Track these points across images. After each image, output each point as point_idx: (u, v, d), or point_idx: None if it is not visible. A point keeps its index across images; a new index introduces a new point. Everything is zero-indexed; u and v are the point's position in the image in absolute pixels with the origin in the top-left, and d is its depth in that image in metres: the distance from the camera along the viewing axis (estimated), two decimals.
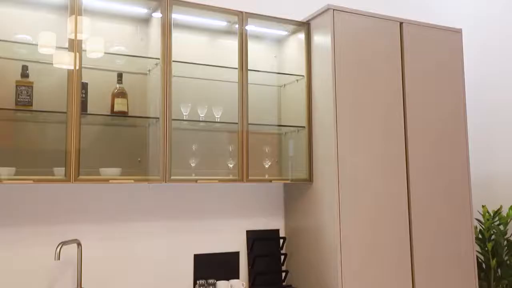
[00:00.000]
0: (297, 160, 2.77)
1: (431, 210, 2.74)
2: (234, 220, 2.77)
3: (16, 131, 2.24)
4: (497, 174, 3.45)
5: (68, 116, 2.12)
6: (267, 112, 2.90)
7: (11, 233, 2.24)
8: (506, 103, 3.41)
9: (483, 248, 3.15)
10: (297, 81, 2.79)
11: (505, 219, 3.14)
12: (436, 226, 2.75)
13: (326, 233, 2.51)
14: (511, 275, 3.06)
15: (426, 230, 2.71)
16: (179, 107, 2.49)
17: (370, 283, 2.49)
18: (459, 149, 2.90)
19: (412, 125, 2.74)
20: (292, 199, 2.83)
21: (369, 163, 2.58)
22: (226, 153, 2.70)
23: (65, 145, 2.11)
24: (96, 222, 2.42)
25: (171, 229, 2.59)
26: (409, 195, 2.69)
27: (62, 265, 2.32)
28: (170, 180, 2.30)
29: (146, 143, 2.50)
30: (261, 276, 2.71)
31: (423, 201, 2.72)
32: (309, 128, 2.69)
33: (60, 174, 2.13)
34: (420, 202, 2.71)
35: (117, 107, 2.34)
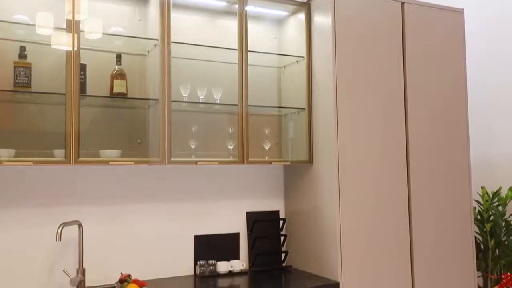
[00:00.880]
0: (297, 141, 2.77)
1: (430, 192, 2.75)
2: (234, 201, 2.78)
3: (15, 112, 2.24)
4: (496, 155, 3.46)
5: (67, 98, 2.11)
6: (267, 93, 2.88)
7: (12, 215, 2.25)
8: (506, 85, 3.40)
9: (482, 229, 3.17)
10: (297, 62, 2.78)
11: (504, 200, 3.16)
12: (436, 208, 2.76)
13: (326, 215, 2.52)
14: (508, 255, 3.09)
15: (426, 212, 2.72)
16: (178, 88, 2.48)
17: (369, 264, 2.51)
18: (459, 130, 2.90)
19: (412, 107, 2.74)
20: (292, 180, 2.84)
21: (369, 144, 2.58)
22: (226, 135, 2.70)
23: (64, 126, 2.11)
24: (96, 203, 2.43)
25: (171, 210, 2.61)
26: (408, 177, 2.70)
27: (63, 246, 2.34)
28: (170, 162, 2.30)
29: (146, 124, 2.50)
30: (261, 256, 2.73)
31: (423, 183, 2.73)
32: (309, 110, 2.68)
33: (60, 156, 2.13)
34: (419, 184, 2.72)
35: (116, 88, 2.33)
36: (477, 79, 3.59)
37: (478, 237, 3.27)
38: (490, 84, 3.51)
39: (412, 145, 2.72)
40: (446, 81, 2.88)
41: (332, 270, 2.46)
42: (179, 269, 2.59)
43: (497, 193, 3.17)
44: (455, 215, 2.83)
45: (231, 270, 2.61)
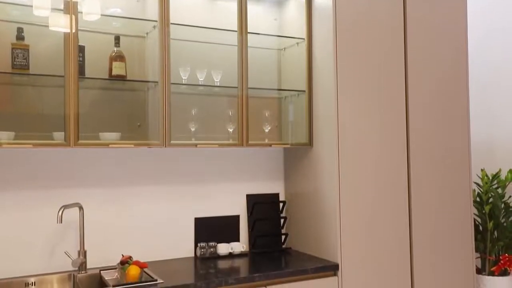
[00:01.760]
0: (297, 124, 2.76)
1: (430, 174, 2.76)
2: (234, 184, 2.79)
3: (14, 95, 2.22)
4: (497, 138, 3.45)
5: (65, 80, 2.09)
6: (267, 76, 2.87)
7: (12, 198, 2.26)
8: (508, 65, 3.38)
9: (481, 211, 3.19)
10: (297, 44, 2.75)
11: (503, 182, 3.17)
12: (435, 190, 2.77)
13: (326, 197, 2.53)
14: (507, 236, 3.11)
15: (425, 194, 2.73)
16: (178, 71, 2.46)
17: (368, 246, 2.53)
18: (459, 112, 2.89)
19: (413, 87, 2.72)
20: (292, 163, 2.84)
21: (370, 126, 2.58)
22: (225, 117, 2.69)
23: (63, 109, 2.10)
24: (97, 186, 2.43)
25: (171, 193, 2.61)
26: (408, 159, 2.70)
27: (64, 228, 2.35)
28: (170, 144, 2.30)
29: (146, 107, 2.49)
30: (261, 238, 2.75)
31: (423, 165, 2.74)
32: (309, 92, 2.67)
33: (60, 139, 2.12)
34: (419, 166, 2.72)
35: (115, 70, 2.31)
36: (478, 58, 3.57)
37: (477, 219, 3.29)
38: (491, 64, 3.48)
39: (412, 127, 2.71)
40: (447, 60, 2.86)
41: (332, 252, 2.47)
42: (179, 251, 2.61)
43: (496, 175, 3.18)
44: (455, 198, 2.84)
45: (231, 252, 2.63)
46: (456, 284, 2.79)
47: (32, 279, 2.19)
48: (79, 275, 2.25)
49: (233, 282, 2.14)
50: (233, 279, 2.15)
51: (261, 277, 2.21)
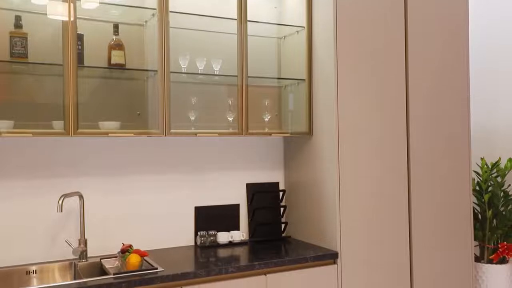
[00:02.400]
0: (296, 113, 2.75)
1: (430, 163, 2.76)
2: (234, 173, 2.79)
3: (13, 83, 2.21)
4: (497, 126, 3.45)
5: (64, 69, 2.08)
6: (267, 64, 2.85)
7: (12, 186, 2.26)
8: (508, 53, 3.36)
9: (480, 200, 3.20)
10: (297, 32, 2.73)
11: (503, 171, 3.17)
12: (435, 179, 2.77)
13: (326, 186, 2.53)
14: (505, 225, 3.12)
15: (425, 183, 2.74)
16: (177, 59, 2.45)
17: (368, 234, 2.54)
18: (460, 101, 2.88)
19: (413, 75, 2.71)
20: (292, 152, 2.85)
21: (369, 115, 2.57)
22: (225, 106, 2.69)
23: (62, 98, 2.09)
24: (97, 175, 2.44)
25: (171, 182, 2.62)
26: (408, 148, 2.70)
27: (65, 217, 2.36)
28: (170, 133, 2.30)
29: (145, 96, 2.48)
30: (261, 227, 2.76)
31: (423, 154, 2.74)
32: (309, 81, 2.66)
33: (59, 128, 2.12)
34: (419, 155, 2.72)
35: (114, 59, 2.30)
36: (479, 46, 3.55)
37: (476, 207, 3.30)
38: (492, 52, 3.47)
39: (412, 116, 2.71)
40: (448, 48, 2.84)
41: (331, 240, 2.49)
42: (179, 239, 2.62)
43: (496, 164, 3.19)
44: (454, 186, 2.84)
45: (231, 241, 2.64)
46: (455, 272, 2.81)
47: (33, 267, 2.21)
48: (80, 263, 2.26)
49: (233, 270, 2.16)
50: (233, 267, 2.16)
51: (261, 265, 2.22)
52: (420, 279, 2.69)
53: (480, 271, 3.12)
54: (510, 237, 3.13)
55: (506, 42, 3.39)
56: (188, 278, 2.06)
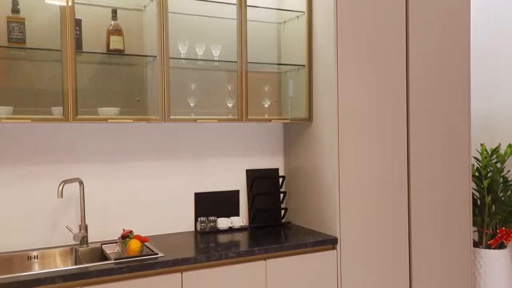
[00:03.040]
0: (296, 99, 2.74)
1: (430, 148, 2.76)
2: (234, 159, 2.79)
3: (11, 69, 2.20)
4: (497, 112, 3.44)
5: (63, 54, 2.07)
6: (267, 50, 2.84)
7: (12, 172, 2.26)
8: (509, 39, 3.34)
9: (479, 186, 3.21)
10: (297, 17, 2.71)
11: (502, 157, 3.17)
12: (435, 164, 2.78)
13: (325, 172, 2.53)
14: (504, 210, 3.14)
15: (424, 169, 2.74)
16: (176, 45, 2.43)
17: (367, 220, 2.55)
18: (460, 87, 2.87)
19: (414, 62, 2.70)
20: (292, 138, 2.84)
21: (370, 101, 2.57)
22: (225, 92, 2.67)
23: (61, 84, 2.08)
24: (97, 161, 2.44)
25: (171, 168, 2.62)
26: (408, 134, 2.70)
27: (65, 203, 2.37)
28: (169, 119, 2.29)
29: (144, 82, 2.47)
30: (261, 213, 2.77)
31: (423, 140, 2.73)
32: (309, 67, 2.64)
33: (58, 114, 2.11)
34: (419, 141, 2.72)
35: (113, 44, 2.28)
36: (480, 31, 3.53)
37: (475, 193, 3.31)
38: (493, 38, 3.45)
39: (412, 102, 2.70)
40: (449, 34, 2.82)
41: (331, 226, 2.50)
42: (180, 225, 2.64)
43: (496, 150, 3.18)
44: (454, 172, 2.85)
45: (231, 226, 2.66)
46: (453, 257, 2.83)
47: (34, 252, 2.22)
48: (81, 249, 2.27)
49: (233, 256, 2.17)
50: (233, 252, 2.17)
51: (260, 250, 2.23)
52: (419, 264, 2.71)
53: (479, 256, 3.14)
54: (509, 222, 3.14)
55: (507, 28, 3.36)
56: (188, 263, 2.07)
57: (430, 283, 2.74)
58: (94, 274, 1.88)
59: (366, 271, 2.54)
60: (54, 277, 1.82)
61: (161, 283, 2.01)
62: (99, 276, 1.89)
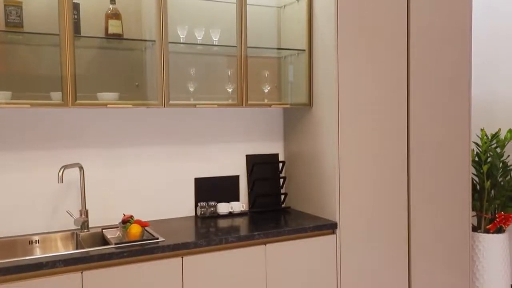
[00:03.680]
0: (296, 84, 2.73)
1: (430, 133, 2.76)
2: (233, 144, 2.79)
3: (9, 54, 2.19)
4: (497, 97, 3.43)
5: (61, 38, 2.05)
6: (266, 35, 2.81)
7: (12, 158, 2.26)
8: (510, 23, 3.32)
9: (479, 171, 3.21)
10: (297, 1, 2.68)
11: (502, 142, 3.17)
12: (434, 149, 2.78)
13: (325, 157, 2.54)
14: (503, 195, 3.15)
15: (424, 153, 2.74)
16: (175, 29, 2.41)
17: (367, 204, 2.56)
18: (461, 72, 2.86)
19: (415, 46, 2.68)
20: (292, 123, 2.84)
21: (370, 86, 2.55)
22: (225, 77, 2.66)
23: (60, 68, 2.07)
24: (97, 146, 2.43)
25: (171, 153, 2.62)
26: (408, 118, 2.69)
27: (66, 188, 2.37)
28: (169, 104, 2.29)
29: (143, 67, 2.45)
30: (261, 198, 2.78)
31: (422, 125, 2.73)
32: (310, 51, 2.63)
33: (57, 99, 2.11)
34: (419, 126, 2.72)
35: (111, 29, 2.26)
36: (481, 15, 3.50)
37: (474, 178, 3.32)
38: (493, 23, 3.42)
39: (413, 87, 2.69)
40: (450, 19, 2.80)
41: (330, 211, 2.51)
42: (180, 210, 2.65)
43: (496, 135, 3.18)
44: (454, 157, 2.85)
45: (231, 211, 2.67)
46: (452, 241, 2.85)
47: (36, 237, 2.23)
48: (82, 234, 2.28)
49: (233, 240, 2.18)
50: (233, 237, 2.18)
51: (260, 235, 2.25)
52: (418, 248, 2.73)
53: (477, 241, 3.16)
54: (508, 207, 3.15)
55: (508, 13, 3.33)
56: (189, 248, 2.08)
57: (429, 267, 2.77)
58: (95, 258, 1.90)
59: (366, 255, 2.56)
60: (55, 261, 1.83)
61: (161, 267, 2.03)
62: (100, 260, 1.91)
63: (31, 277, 1.81)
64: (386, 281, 2.62)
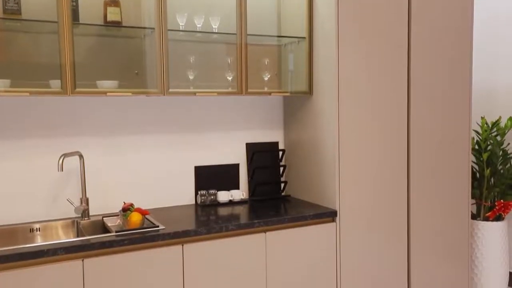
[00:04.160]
0: (297, 72, 2.72)
1: (430, 121, 2.75)
2: (233, 132, 2.79)
3: (7, 41, 2.17)
4: (498, 85, 3.42)
5: (59, 26, 2.04)
6: (266, 22, 2.79)
7: (12, 146, 2.26)
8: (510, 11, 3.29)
9: (478, 159, 3.22)
10: None
11: (502, 130, 3.17)
12: (435, 137, 2.77)
13: (325, 145, 2.53)
14: (503, 183, 3.15)
15: (424, 141, 2.74)
16: (175, 16, 2.40)
17: (366, 192, 2.57)
18: (461, 59, 2.84)
19: (415, 34, 2.66)
20: (292, 112, 2.83)
21: (370, 73, 2.54)
22: (224, 65, 2.65)
23: (59, 56, 2.06)
24: (97, 135, 2.43)
25: (171, 141, 2.62)
26: (409, 107, 2.68)
27: (66, 176, 2.37)
28: (169, 93, 2.28)
29: (143, 55, 2.44)
30: (261, 186, 2.79)
31: (423, 113, 2.72)
32: (310, 39, 2.61)
33: (57, 87, 2.10)
34: (419, 114, 2.71)
35: (110, 16, 2.24)
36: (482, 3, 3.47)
37: (474, 166, 3.32)
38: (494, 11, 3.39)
39: (413, 74, 2.68)
40: (452, 6, 2.77)
41: (330, 199, 2.51)
42: (180, 198, 2.65)
43: (496, 123, 3.18)
44: (454, 145, 2.85)
45: (231, 200, 2.67)
46: (452, 229, 2.86)
47: (36, 225, 2.24)
48: (83, 222, 2.29)
49: (233, 228, 2.19)
50: (233, 225, 2.19)
51: (260, 223, 2.25)
52: (417, 236, 2.74)
53: (476, 228, 3.18)
54: (507, 195, 3.16)
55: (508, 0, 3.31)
56: (189, 235, 2.09)
57: (428, 254, 2.78)
58: (96, 246, 1.91)
59: (365, 243, 2.57)
60: (56, 248, 1.84)
61: (162, 255, 2.04)
62: (101, 248, 1.92)
63: (32, 265, 1.82)
64: (385, 268, 2.64)
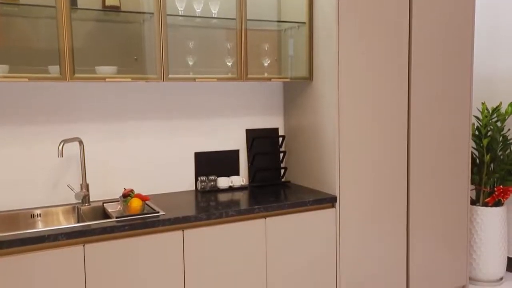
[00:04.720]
0: (297, 58, 2.70)
1: (430, 107, 2.74)
2: (233, 119, 2.78)
3: (5, 27, 2.15)
4: (499, 71, 3.40)
5: (57, 10, 2.02)
6: (266, 7, 2.77)
7: (12, 132, 2.26)
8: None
9: (479, 144, 3.21)
10: None
11: (503, 115, 3.16)
12: (435, 123, 2.77)
13: (325, 131, 2.53)
14: (503, 169, 3.16)
15: (424, 127, 2.73)
16: (174, 1, 2.37)
17: (366, 178, 2.57)
18: (462, 45, 2.82)
19: (416, 20, 2.64)
20: (292, 98, 2.82)
21: (371, 59, 2.53)
22: (224, 50, 2.63)
23: (57, 42, 2.04)
24: (96, 121, 2.43)
25: (171, 128, 2.61)
26: (409, 92, 2.67)
27: (66, 162, 2.38)
28: (168, 78, 2.27)
29: (142, 40, 2.42)
30: (261, 172, 2.79)
31: (423, 99, 2.71)
32: (310, 24, 2.59)
33: (55, 72, 2.09)
34: (419, 100, 2.70)
35: (109, 1, 2.22)
36: None
37: (474, 152, 3.32)
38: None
39: (414, 60, 2.66)
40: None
41: (330, 185, 2.52)
42: (180, 184, 2.66)
43: (497, 108, 3.17)
44: (454, 131, 2.84)
45: (231, 186, 2.68)
46: (451, 214, 2.88)
47: (37, 211, 2.25)
48: (83, 207, 2.30)
49: (233, 214, 2.20)
50: (233, 211, 2.20)
51: (260, 209, 2.26)
52: (417, 222, 2.75)
53: (475, 214, 3.19)
54: (507, 180, 3.17)
55: None
56: (189, 221, 2.10)
57: (427, 239, 2.80)
58: (96, 231, 1.92)
59: (365, 229, 2.58)
60: (57, 234, 1.85)
61: (162, 240, 2.05)
62: (102, 233, 1.93)
63: (34, 250, 1.83)
64: (384, 253, 2.65)
